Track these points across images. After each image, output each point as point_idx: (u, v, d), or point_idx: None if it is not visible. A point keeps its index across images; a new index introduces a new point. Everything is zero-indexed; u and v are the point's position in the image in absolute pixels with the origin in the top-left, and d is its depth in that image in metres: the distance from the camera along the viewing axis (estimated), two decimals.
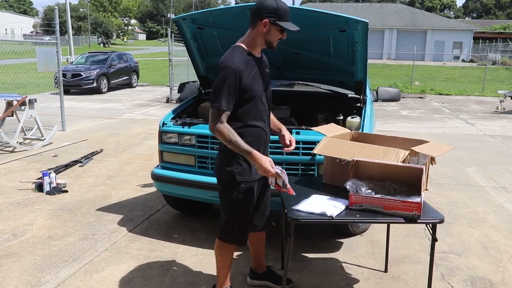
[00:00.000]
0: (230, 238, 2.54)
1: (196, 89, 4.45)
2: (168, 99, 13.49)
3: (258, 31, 2.32)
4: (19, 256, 3.34)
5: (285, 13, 2.29)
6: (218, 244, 2.59)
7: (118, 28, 68.00)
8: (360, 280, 3.06)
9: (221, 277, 2.65)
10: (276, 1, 2.28)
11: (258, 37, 2.34)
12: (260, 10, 2.28)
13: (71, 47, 24.91)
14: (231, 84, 2.25)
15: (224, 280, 2.65)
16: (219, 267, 2.64)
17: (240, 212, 2.48)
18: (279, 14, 2.27)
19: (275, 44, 2.37)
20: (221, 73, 2.27)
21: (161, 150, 3.73)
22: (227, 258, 2.60)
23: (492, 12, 78.95)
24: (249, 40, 2.37)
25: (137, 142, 7.55)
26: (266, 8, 2.26)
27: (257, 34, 2.33)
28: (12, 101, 6.92)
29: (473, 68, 27.69)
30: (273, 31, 2.31)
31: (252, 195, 2.48)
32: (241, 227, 2.52)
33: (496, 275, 3.17)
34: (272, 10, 2.26)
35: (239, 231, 2.52)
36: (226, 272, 2.64)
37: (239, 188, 2.41)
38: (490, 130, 9.46)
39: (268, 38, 2.33)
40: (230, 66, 2.25)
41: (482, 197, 4.95)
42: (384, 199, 2.25)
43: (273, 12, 2.26)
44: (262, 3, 2.28)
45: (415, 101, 14.94)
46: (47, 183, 4.79)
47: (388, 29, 39.49)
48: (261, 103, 2.43)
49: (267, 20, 2.27)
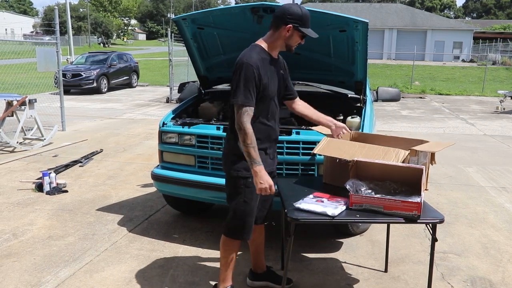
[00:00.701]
0: (235, 232, 2.57)
1: (196, 89, 4.45)
2: (168, 99, 13.49)
3: (280, 34, 2.42)
4: (19, 256, 3.34)
5: (308, 20, 2.42)
6: (223, 239, 2.62)
7: (118, 28, 67.96)
8: (360, 280, 3.07)
9: (224, 275, 2.65)
10: (300, 8, 2.41)
11: (280, 40, 2.45)
12: (285, 15, 2.39)
13: (71, 47, 24.92)
14: (251, 79, 2.32)
15: (226, 278, 2.66)
16: (223, 263, 2.65)
17: (245, 206, 2.51)
18: (303, 21, 2.39)
19: (294, 49, 2.49)
20: (239, 69, 2.34)
21: (161, 150, 3.73)
22: (231, 254, 2.61)
23: (492, 12, 78.95)
24: (270, 41, 2.47)
25: (137, 142, 7.55)
26: (291, 14, 2.38)
27: (279, 37, 2.44)
28: (12, 101, 6.92)
29: (473, 68, 27.69)
30: (294, 36, 2.42)
31: None
32: (246, 221, 2.54)
33: (496, 275, 3.17)
34: (297, 16, 2.38)
35: (244, 225, 2.54)
36: (229, 271, 2.65)
37: (246, 182, 2.46)
38: (490, 130, 9.46)
39: (289, 42, 2.45)
40: (249, 63, 2.33)
41: (482, 197, 4.95)
42: (384, 199, 2.25)
43: (298, 19, 2.38)
44: (288, 9, 2.40)
45: (415, 101, 14.94)
46: (47, 183, 4.79)
47: (388, 29, 39.49)
48: (274, 103, 2.52)
49: (291, 25, 2.38)
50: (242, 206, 2.51)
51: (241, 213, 2.52)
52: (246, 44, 3.87)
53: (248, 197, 2.49)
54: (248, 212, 2.52)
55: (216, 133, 3.41)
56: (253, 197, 2.50)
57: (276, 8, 3.26)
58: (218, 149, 3.41)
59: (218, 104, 4.19)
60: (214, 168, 3.49)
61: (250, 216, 2.54)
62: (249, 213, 2.53)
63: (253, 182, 2.41)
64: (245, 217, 2.53)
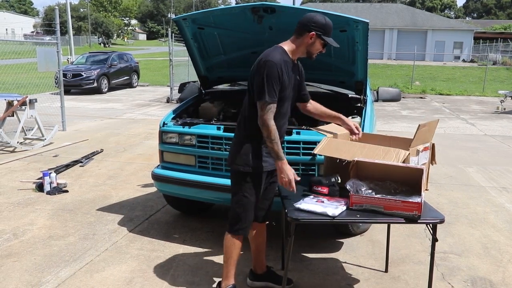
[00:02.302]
0: (235, 227, 2.60)
1: (196, 89, 4.45)
2: (169, 99, 13.49)
3: (303, 41, 2.50)
4: (19, 256, 3.34)
5: (330, 30, 2.50)
6: (226, 236, 2.65)
7: (119, 28, 67.94)
8: (361, 280, 3.06)
9: (226, 273, 2.66)
10: (324, 18, 2.49)
11: (302, 47, 2.52)
12: (309, 23, 2.48)
13: (71, 47, 24.95)
14: (275, 77, 2.39)
15: (228, 276, 2.66)
16: (225, 260, 2.67)
17: (244, 200, 2.56)
18: (325, 30, 2.48)
19: (315, 56, 2.58)
20: (263, 67, 2.40)
21: (162, 150, 3.73)
22: (233, 251, 2.63)
23: (492, 12, 78.91)
24: (292, 46, 2.54)
25: (138, 142, 7.55)
26: (315, 22, 2.47)
27: (301, 44, 2.52)
28: (12, 101, 6.93)
29: (474, 68, 27.68)
30: (316, 44, 2.50)
31: (260, 185, 2.57)
32: (245, 215, 2.58)
33: (497, 275, 3.17)
34: (321, 25, 2.47)
35: (242, 219, 2.58)
36: (231, 268, 2.66)
37: (246, 177, 2.53)
38: (491, 130, 9.45)
39: (311, 49, 2.53)
40: (273, 61, 2.40)
41: (482, 197, 4.95)
42: (384, 199, 2.25)
43: (321, 27, 2.47)
44: (312, 17, 2.49)
45: (415, 101, 14.94)
46: (47, 183, 4.79)
47: (388, 29, 39.48)
48: (287, 104, 2.59)
49: (314, 33, 2.46)
50: (241, 200, 2.56)
51: (240, 207, 2.57)
52: (246, 44, 3.91)
53: (247, 192, 2.55)
54: (246, 206, 2.57)
55: (217, 133, 3.42)
56: (253, 192, 2.55)
57: (276, 8, 3.27)
58: (218, 149, 3.41)
59: (218, 104, 4.19)
60: (214, 168, 3.49)
61: (249, 211, 2.58)
62: (247, 208, 2.57)
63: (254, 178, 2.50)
64: (243, 212, 2.57)
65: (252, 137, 2.52)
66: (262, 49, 4.05)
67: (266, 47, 2.56)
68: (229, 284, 2.66)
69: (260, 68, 2.41)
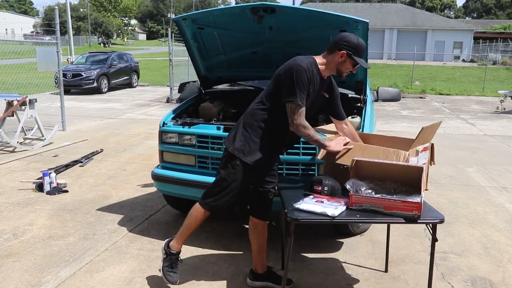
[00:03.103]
0: (206, 201, 2.67)
1: (196, 89, 4.45)
2: (169, 99, 13.50)
3: (334, 59, 2.53)
4: (19, 256, 3.34)
5: (362, 51, 2.52)
6: (195, 205, 2.73)
7: (118, 28, 67.92)
8: (361, 280, 3.07)
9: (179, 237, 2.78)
10: (357, 38, 2.51)
11: (332, 64, 2.55)
12: (341, 41, 2.51)
13: (71, 47, 24.94)
14: (304, 82, 2.45)
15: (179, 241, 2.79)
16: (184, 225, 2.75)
17: (224, 182, 2.61)
18: (357, 50, 2.49)
19: (344, 75, 2.60)
20: (291, 71, 2.45)
21: (162, 150, 3.73)
22: (193, 221, 2.72)
23: (492, 12, 78.91)
24: (323, 61, 2.57)
25: (138, 142, 7.55)
26: (347, 42, 2.49)
27: (332, 61, 2.55)
28: (12, 101, 6.92)
29: (474, 68, 27.68)
30: (347, 63, 2.53)
31: (247, 179, 2.61)
32: (220, 196, 2.63)
33: (497, 275, 3.17)
34: (352, 45, 2.49)
35: (216, 199, 2.64)
36: (185, 235, 2.77)
37: (234, 162, 2.57)
38: (491, 130, 9.46)
39: (341, 68, 2.55)
40: (303, 67, 2.45)
41: (482, 197, 4.95)
42: (384, 199, 2.25)
43: (353, 47, 2.49)
44: (345, 36, 2.52)
45: (415, 101, 14.94)
46: (47, 183, 4.79)
47: (388, 29, 39.47)
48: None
49: (345, 52, 2.48)
50: (220, 180, 2.62)
51: (218, 187, 2.63)
52: (246, 44, 3.91)
53: (229, 176, 2.59)
54: (221, 188, 2.62)
55: (217, 133, 3.42)
56: (234, 179, 2.58)
57: (276, 8, 3.27)
58: (218, 149, 3.41)
59: (218, 104, 4.19)
60: (214, 168, 3.48)
61: (224, 197, 2.62)
62: (222, 190, 2.62)
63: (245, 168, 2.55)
64: (218, 193, 2.62)
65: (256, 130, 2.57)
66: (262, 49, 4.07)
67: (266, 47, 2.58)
68: (174, 250, 2.77)
69: (290, 71, 2.45)
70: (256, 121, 2.59)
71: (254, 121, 2.60)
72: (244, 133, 2.59)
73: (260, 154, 2.57)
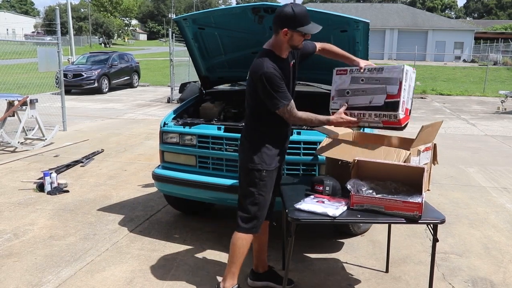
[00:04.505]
0: (250, 226, 2.59)
1: (197, 89, 4.45)
2: (169, 99, 13.49)
3: (281, 39, 2.44)
4: (20, 256, 3.34)
5: (303, 18, 2.37)
6: (237, 236, 2.62)
7: (119, 29, 67.95)
8: (361, 280, 3.06)
9: (233, 273, 2.64)
10: (293, 8, 2.35)
11: (283, 44, 2.46)
12: (279, 19, 2.40)
13: (72, 47, 24.94)
14: (279, 83, 2.40)
15: (234, 276, 2.64)
16: (233, 260, 2.62)
17: (260, 199, 2.56)
18: (297, 21, 2.36)
19: (301, 46, 2.51)
20: (265, 79, 2.38)
21: (162, 150, 3.73)
22: (244, 250, 2.61)
23: (493, 12, 78.83)
24: (275, 45, 2.49)
25: (138, 142, 7.55)
26: (283, 16, 2.37)
27: (280, 42, 2.45)
28: (13, 101, 6.93)
29: (474, 68, 27.66)
30: (295, 37, 2.41)
31: (271, 183, 2.60)
32: (260, 214, 2.59)
33: (498, 275, 3.16)
34: (290, 18, 2.35)
35: (258, 218, 2.59)
36: (239, 268, 2.64)
37: (261, 175, 2.53)
38: (491, 131, 9.45)
39: (292, 43, 2.45)
40: (269, 71, 2.38)
41: (483, 197, 4.94)
42: (385, 199, 2.25)
43: (291, 20, 2.36)
44: (280, 12, 2.38)
45: (416, 101, 14.92)
46: (48, 183, 4.79)
47: (389, 29, 39.48)
48: None
49: (286, 29, 2.37)
50: (258, 199, 2.56)
51: (256, 206, 2.57)
52: (247, 44, 3.91)
53: (263, 190, 2.56)
54: (262, 204, 2.58)
55: (217, 133, 3.42)
56: (267, 190, 2.57)
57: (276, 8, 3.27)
58: (219, 149, 3.41)
59: (219, 104, 4.19)
60: (215, 168, 3.49)
61: (264, 209, 2.60)
62: (263, 206, 2.59)
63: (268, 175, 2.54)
64: (259, 210, 2.58)
65: (261, 136, 2.55)
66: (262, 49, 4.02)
67: None
68: (234, 284, 2.65)
69: (261, 82, 2.40)
70: (256, 132, 2.58)
71: (254, 132, 2.59)
72: (253, 147, 2.55)
73: (275, 155, 2.58)
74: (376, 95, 2.48)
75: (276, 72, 2.40)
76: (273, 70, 2.39)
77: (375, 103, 2.48)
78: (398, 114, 2.41)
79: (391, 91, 2.44)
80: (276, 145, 2.60)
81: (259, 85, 2.42)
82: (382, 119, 2.48)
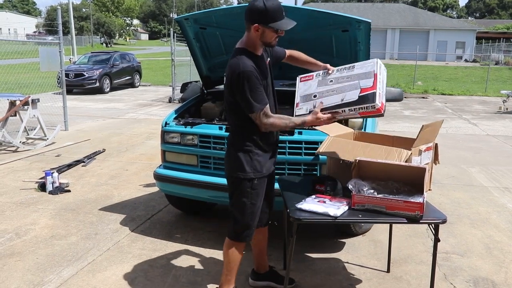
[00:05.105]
0: (241, 235, 2.55)
1: (198, 89, 4.45)
2: (171, 99, 13.50)
3: (253, 35, 2.31)
4: (22, 255, 3.35)
5: (276, 13, 2.23)
6: (228, 243, 2.59)
7: (121, 28, 68.03)
8: (363, 280, 3.06)
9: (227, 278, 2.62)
10: (264, 2, 2.20)
11: (255, 40, 2.33)
12: (250, 14, 2.26)
13: (73, 47, 25.00)
14: (255, 83, 2.28)
15: (231, 281, 2.63)
16: (227, 267, 2.61)
17: (252, 208, 2.49)
18: (269, 16, 2.22)
19: (275, 43, 2.37)
20: (240, 80, 2.26)
21: (164, 150, 3.74)
22: (236, 257, 2.59)
23: (495, 12, 78.72)
24: (247, 42, 2.37)
25: (140, 142, 7.56)
26: (254, 11, 2.23)
27: (253, 37, 2.33)
28: (15, 101, 6.94)
29: (476, 68, 27.62)
30: (267, 33, 2.28)
31: (263, 190, 2.52)
32: (252, 223, 2.53)
33: (499, 275, 3.16)
34: (261, 13, 2.21)
35: (250, 227, 2.54)
36: (233, 273, 2.62)
37: (252, 184, 2.45)
38: (493, 130, 9.43)
39: (264, 40, 2.32)
40: (246, 70, 2.26)
41: (485, 197, 4.94)
42: (386, 199, 2.25)
43: (263, 15, 2.22)
44: (250, 7, 2.24)
45: (417, 101, 14.91)
46: (50, 182, 4.80)
47: (390, 29, 39.44)
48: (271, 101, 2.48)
49: (257, 24, 2.25)
50: (249, 208, 2.49)
51: (248, 216, 2.50)
52: None
53: (254, 199, 2.48)
54: (254, 213, 2.51)
55: (219, 133, 3.42)
56: (258, 198, 2.50)
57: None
58: (220, 149, 3.41)
59: (220, 104, 4.19)
60: (216, 168, 3.49)
61: (256, 218, 2.54)
62: (255, 215, 2.52)
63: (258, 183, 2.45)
64: (251, 220, 2.52)
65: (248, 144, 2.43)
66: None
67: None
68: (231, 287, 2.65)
69: (238, 82, 2.27)
70: (243, 137, 2.45)
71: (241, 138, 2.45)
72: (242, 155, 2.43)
73: (267, 160, 2.50)
74: (349, 91, 2.41)
75: (255, 71, 2.28)
76: (252, 68, 2.27)
77: (348, 99, 2.40)
78: (375, 104, 2.34)
79: (366, 85, 2.38)
80: (266, 150, 2.48)
81: (238, 86, 2.28)
82: (359, 111, 2.41)
